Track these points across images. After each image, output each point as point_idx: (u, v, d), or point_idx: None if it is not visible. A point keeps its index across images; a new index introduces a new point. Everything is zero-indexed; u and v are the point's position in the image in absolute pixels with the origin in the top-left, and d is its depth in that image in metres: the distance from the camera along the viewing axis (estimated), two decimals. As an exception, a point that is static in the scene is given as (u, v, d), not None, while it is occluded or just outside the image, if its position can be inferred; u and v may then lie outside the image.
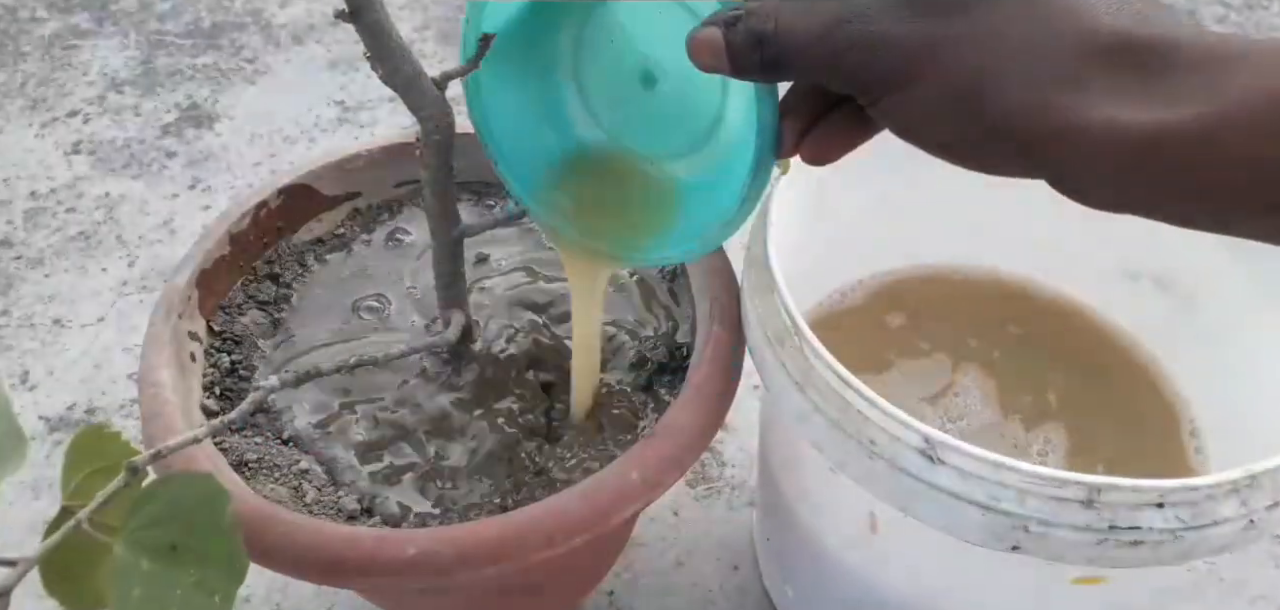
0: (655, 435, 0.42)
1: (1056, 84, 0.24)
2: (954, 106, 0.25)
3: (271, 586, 0.60)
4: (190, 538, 0.29)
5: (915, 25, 0.25)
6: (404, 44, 0.38)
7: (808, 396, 0.40)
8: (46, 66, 1.03)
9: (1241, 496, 0.36)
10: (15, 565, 0.28)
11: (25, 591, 0.28)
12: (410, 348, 0.45)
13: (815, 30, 0.27)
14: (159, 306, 0.48)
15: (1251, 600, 0.61)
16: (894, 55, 0.25)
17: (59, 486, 0.31)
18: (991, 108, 0.24)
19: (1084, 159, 0.24)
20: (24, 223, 0.86)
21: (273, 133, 0.96)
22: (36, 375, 0.73)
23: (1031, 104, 0.24)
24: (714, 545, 0.63)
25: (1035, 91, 0.24)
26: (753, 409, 0.65)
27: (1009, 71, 0.24)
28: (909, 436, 0.37)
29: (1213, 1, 1.14)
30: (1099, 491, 0.35)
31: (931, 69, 0.25)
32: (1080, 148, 0.23)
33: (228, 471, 0.42)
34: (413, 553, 0.38)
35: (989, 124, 0.24)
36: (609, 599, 0.61)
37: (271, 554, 0.39)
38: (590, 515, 0.40)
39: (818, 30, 0.27)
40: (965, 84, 0.24)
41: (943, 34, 0.25)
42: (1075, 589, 0.41)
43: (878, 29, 0.26)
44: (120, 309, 0.78)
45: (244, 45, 1.07)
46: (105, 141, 0.94)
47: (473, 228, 0.45)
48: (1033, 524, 0.35)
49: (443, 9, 1.12)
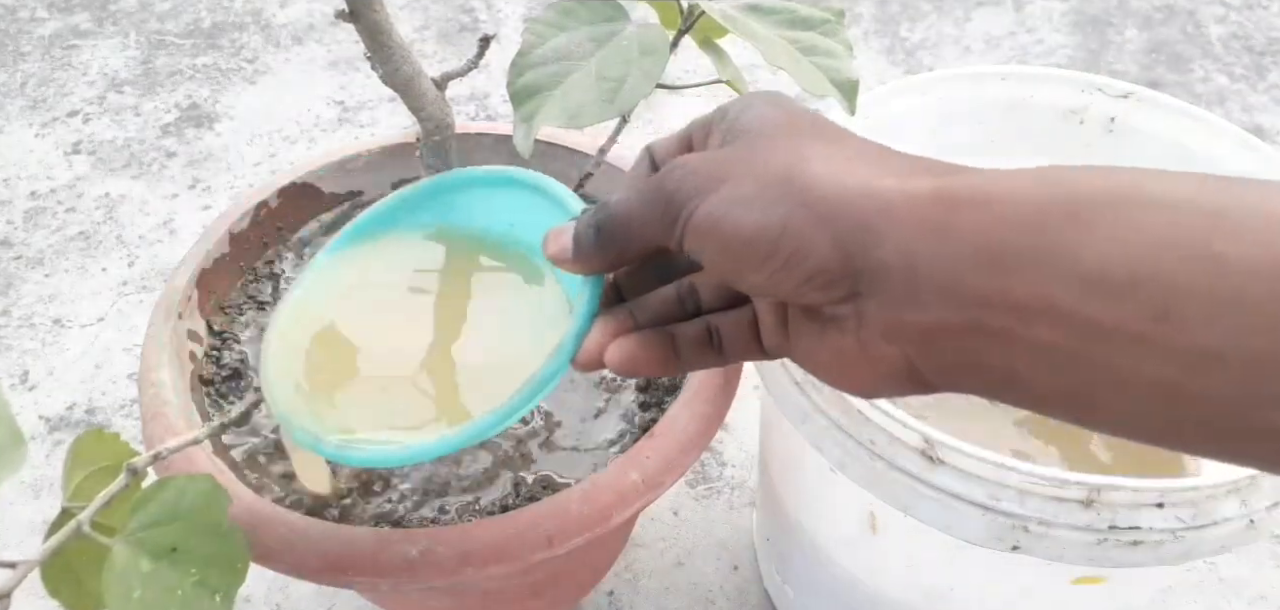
0: (655, 435, 0.42)
1: (864, 165, 0.27)
2: (770, 191, 0.27)
3: (271, 586, 0.61)
4: (191, 538, 0.30)
5: (724, 153, 0.29)
6: (404, 44, 0.38)
7: (808, 396, 0.40)
8: (46, 66, 1.03)
9: (1241, 496, 0.36)
10: (16, 567, 0.28)
11: (25, 592, 0.28)
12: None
13: (640, 189, 0.30)
14: (159, 306, 0.48)
15: (1251, 600, 0.61)
16: (706, 166, 0.29)
17: (59, 487, 0.31)
18: (811, 184, 0.27)
19: (886, 216, 0.26)
20: (24, 223, 0.86)
21: (273, 133, 0.96)
22: (36, 375, 0.73)
23: (843, 176, 0.27)
24: (714, 545, 0.63)
25: (848, 169, 0.27)
26: (753, 409, 0.65)
27: (821, 160, 0.27)
28: (909, 437, 0.37)
29: (1213, 2, 1.14)
30: (1099, 491, 0.35)
31: (745, 168, 0.28)
32: (882, 204, 0.26)
33: (227, 472, 0.42)
34: (414, 553, 0.38)
35: (806, 199, 0.27)
36: (609, 599, 0.61)
37: (272, 554, 0.39)
38: (590, 515, 0.40)
39: (643, 188, 0.30)
40: (781, 170, 0.27)
41: (745, 152, 0.29)
42: (1075, 589, 0.41)
43: (693, 161, 0.29)
44: (120, 309, 0.78)
45: (244, 45, 1.07)
46: (105, 141, 0.94)
47: (473, 228, 0.45)
48: (1033, 524, 0.35)
49: (443, 9, 1.13)
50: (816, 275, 0.27)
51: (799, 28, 0.39)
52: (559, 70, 0.39)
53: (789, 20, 0.40)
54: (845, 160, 0.27)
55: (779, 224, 0.27)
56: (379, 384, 0.35)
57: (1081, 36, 1.07)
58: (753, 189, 0.27)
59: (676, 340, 0.32)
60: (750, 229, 0.27)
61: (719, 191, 0.28)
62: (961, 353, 0.25)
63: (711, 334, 0.33)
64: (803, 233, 0.26)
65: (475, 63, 0.41)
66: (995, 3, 1.13)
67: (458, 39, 1.08)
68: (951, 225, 0.25)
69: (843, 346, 0.28)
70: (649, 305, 0.33)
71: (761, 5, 0.40)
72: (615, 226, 0.31)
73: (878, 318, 0.26)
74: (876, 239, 0.26)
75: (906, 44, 1.07)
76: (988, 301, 0.24)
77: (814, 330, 0.29)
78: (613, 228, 0.31)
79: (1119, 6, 1.14)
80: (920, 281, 0.25)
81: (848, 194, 0.26)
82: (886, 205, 0.26)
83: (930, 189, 0.25)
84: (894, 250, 0.25)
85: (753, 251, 0.27)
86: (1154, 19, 1.11)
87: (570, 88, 0.38)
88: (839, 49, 0.39)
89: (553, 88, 0.38)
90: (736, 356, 0.33)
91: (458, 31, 1.10)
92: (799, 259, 0.27)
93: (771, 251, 0.27)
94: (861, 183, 0.26)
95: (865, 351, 0.27)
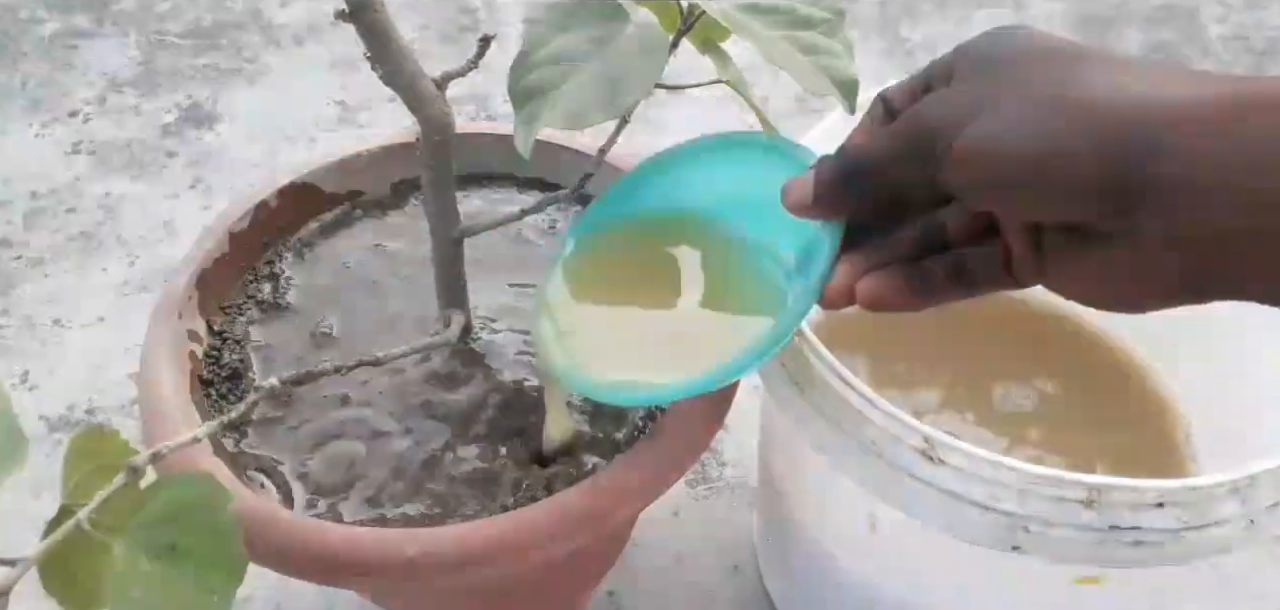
0: (655, 435, 0.42)
1: (1140, 80, 0.27)
2: (1040, 112, 0.27)
3: (271, 586, 0.61)
4: (190, 538, 0.29)
5: (982, 82, 0.29)
6: (404, 44, 0.38)
7: (808, 397, 0.40)
8: (46, 66, 1.03)
9: (1241, 496, 0.36)
10: (15, 565, 0.28)
11: (25, 591, 0.28)
12: (410, 347, 0.45)
13: (892, 127, 0.31)
14: (159, 306, 0.48)
15: (1251, 600, 0.61)
16: (965, 97, 0.29)
17: (59, 486, 0.31)
18: (1084, 99, 0.27)
19: (1171, 128, 0.25)
20: (24, 223, 0.86)
21: (273, 133, 0.96)
22: (36, 375, 0.73)
23: (1119, 90, 0.26)
24: (714, 545, 0.63)
25: (1122, 84, 0.27)
26: (753, 409, 0.65)
27: (1091, 77, 0.27)
28: (909, 436, 0.37)
29: (1213, 2, 1.14)
30: (1099, 491, 0.35)
31: (1009, 93, 0.28)
32: (1167, 115, 0.26)
33: (227, 471, 0.42)
34: (413, 552, 0.38)
35: (1078, 115, 0.26)
36: (609, 599, 0.61)
37: (271, 554, 0.39)
38: (590, 515, 0.40)
39: (897, 124, 0.31)
40: (1049, 91, 0.27)
41: (1007, 78, 0.29)
42: (1075, 589, 0.41)
43: (950, 94, 0.30)
44: (120, 309, 0.78)
45: (244, 45, 1.07)
46: (105, 141, 0.94)
47: (473, 228, 0.45)
48: (1033, 524, 0.35)
49: (443, 9, 1.13)
50: (1092, 191, 0.27)
51: (799, 27, 0.39)
52: (560, 72, 0.39)
53: (789, 20, 0.40)
54: (1119, 74, 0.27)
55: (1051, 143, 0.27)
56: (628, 342, 0.41)
57: (1082, 36, 1.07)
58: (1020, 111, 0.28)
59: (925, 273, 0.33)
60: (1020, 152, 0.27)
61: (981, 119, 0.28)
62: (1247, 258, 0.25)
63: (959, 268, 0.33)
64: (1078, 150, 0.26)
65: (475, 63, 0.41)
66: (995, 3, 1.13)
67: (458, 39, 1.08)
68: (1243, 129, 0.25)
69: (1113, 262, 0.28)
70: (891, 245, 0.34)
71: (761, 4, 0.40)
72: (863, 169, 0.32)
73: (1158, 228, 0.26)
74: (1160, 148, 0.25)
75: (907, 44, 1.07)
76: (1278, 205, 0.24)
77: (1077, 249, 0.29)
78: (861, 169, 0.32)
79: (1119, 6, 1.14)
80: (1209, 187, 0.25)
81: (1126, 106, 0.26)
82: (1172, 113, 0.26)
83: (1217, 94, 0.25)
84: (1181, 157, 0.25)
85: (1023, 174, 0.27)
86: (1154, 19, 1.11)
87: (571, 89, 0.38)
88: (839, 48, 0.39)
89: (554, 89, 0.39)
90: (986, 287, 0.33)
91: (458, 31, 1.10)
92: (1072, 177, 0.27)
93: (1041, 172, 0.27)
94: (1140, 94, 0.26)
95: (1140, 265, 0.27)
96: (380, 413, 0.46)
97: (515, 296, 0.51)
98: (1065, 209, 0.28)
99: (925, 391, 0.54)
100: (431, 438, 0.45)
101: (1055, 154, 0.27)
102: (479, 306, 0.50)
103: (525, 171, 0.58)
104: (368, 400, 0.47)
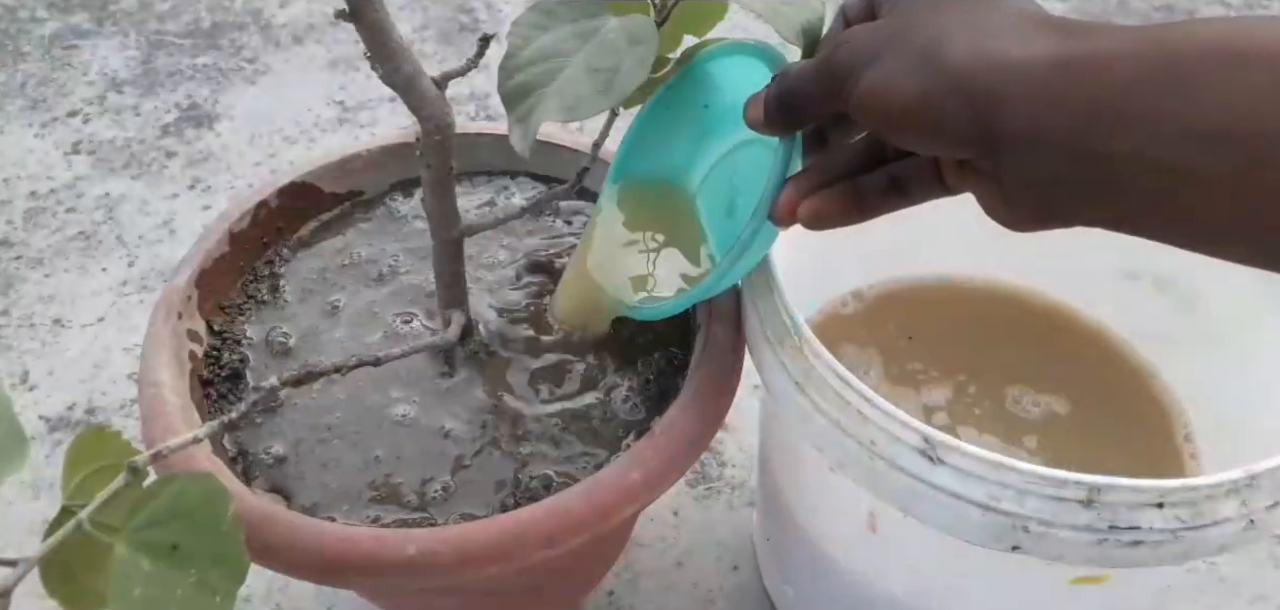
0: (655, 435, 0.42)
1: (995, 37, 0.30)
2: (917, 67, 0.31)
3: (271, 586, 0.61)
4: (191, 538, 0.29)
5: (883, 25, 0.33)
6: (404, 44, 0.38)
7: (808, 396, 0.40)
8: (46, 66, 1.03)
9: (1241, 496, 0.36)
10: (15, 565, 0.28)
11: (25, 591, 0.28)
12: (410, 348, 0.45)
13: (814, 62, 0.35)
14: (159, 306, 0.48)
15: (1251, 600, 0.61)
16: (867, 42, 0.33)
17: (59, 486, 0.31)
18: (948, 59, 0.30)
19: (1010, 87, 0.29)
20: (24, 223, 0.86)
21: (273, 133, 0.96)
22: (36, 375, 0.73)
23: (975, 50, 0.30)
24: (714, 545, 0.63)
25: (979, 43, 0.30)
26: (753, 409, 0.65)
27: (958, 34, 0.30)
28: (909, 436, 0.37)
29: (1213, 2, 1.14)
30: (1099, 491, 0.35)
31: (899, 43, 0.32)
32: (1007, 76, 0.29)
33: (227, 471, 0.42)
34: (413, 552, 0.38)
35: (944, 73, 0.30)
36: (609, 599, 0.61)
37: (271, 554, 0.39)
38: (590, 515, 0.40)
39: (816, 61, 0.35)
40: (925, 46, 0.31)
41: (900, 25, 0.32)
42: (1075, 589, 0.41)
43: (857, 36, 0.33)
44: (120, 309, 0.78)
45: (244, 45, 1.07)
46: (105, 141, 0.94)
47: (473, 227, 0.45)
48: (1033, 524, 0.35)
49: (443, 9, 1.13)
50: (956, 140, 0.31)
51: None
52: (549, 68, 0.39)
53: None
54: (983, 33, 0.31)
55: (921, 96, 0.31)
56: (645, 271, 0.48)
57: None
58: (902, 63, 0.31)
59: (861, 190, 0.37)
60: (901, 101, 0.31)
61: (875, 65, 0.32)
62: (1083, 198, 0.29)
63: (896, 180, 0.37)
64: (943, 104, 0.30)
65: (475, 62, 0.41)
66: None
67: (458, 39, 1.08)
68: (1067, 93, 0.28)
69: (990, 191, 0.32)
70: (838, 160, 0.38)
71: None
72: (794, 98, 0.36)
73: (1011, 171, 0.30)
74: (1002, 107, 0.29)
75: None
76: (1099, 158, 0.28)
77: (971, 177, 0.33)
78: (792, 98, 0.36)
79: (1119, 6, 1.14)
80: (1041, 144, 0.29)
81: (979, 66, 0.30)
82: (1011, 77, 0.29)
83: (1049, 58, 0.29)
84: (1019, 117, 0.29)
85: (905, 120, 0.31)
86: (1154, 19, 1.11)
87: (564, 83, 0.39)
88: None
89: (546, 85, 0.39)
90: (921, 197, 0.37)
91: (458, 31, 1.10)
92: (941, 126, 0.30)
93: (918, 119, 0.31)
94: (992, 55, 0.30)
95: (1008, 197, 0.31)
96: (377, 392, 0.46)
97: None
98: (948, 150, 0.32)
99: (937, 389, 0.54)
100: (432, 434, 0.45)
101: (929, 106, 0.30)
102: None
103: (525, 170, 0.58)
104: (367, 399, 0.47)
